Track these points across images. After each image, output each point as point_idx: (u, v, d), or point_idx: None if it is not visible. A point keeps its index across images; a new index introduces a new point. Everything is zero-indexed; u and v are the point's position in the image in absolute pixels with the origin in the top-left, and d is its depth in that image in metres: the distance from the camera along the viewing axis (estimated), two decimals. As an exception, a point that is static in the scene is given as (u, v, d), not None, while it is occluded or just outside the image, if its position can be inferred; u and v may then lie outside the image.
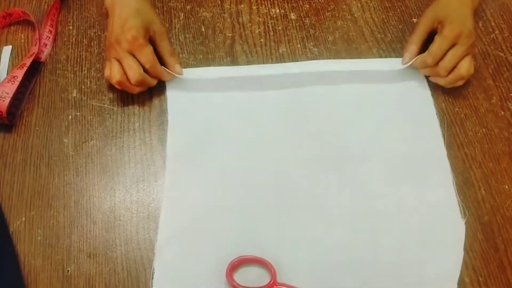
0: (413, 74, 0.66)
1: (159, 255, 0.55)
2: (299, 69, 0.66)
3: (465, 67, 0.61)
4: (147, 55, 0.61)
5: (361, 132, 0.62)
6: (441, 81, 0.63)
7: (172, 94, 0.65)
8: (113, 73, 0.61)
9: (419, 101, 0.64)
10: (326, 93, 0.65)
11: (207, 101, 0.65)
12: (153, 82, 0.64)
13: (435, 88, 0.65)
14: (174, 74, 0.64)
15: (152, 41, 0.63)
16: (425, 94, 0.65)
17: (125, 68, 0.61)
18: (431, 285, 0.53)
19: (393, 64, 0.66)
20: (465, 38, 0.60)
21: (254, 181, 0.59)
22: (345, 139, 0.62)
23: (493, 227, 0.56)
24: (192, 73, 0.66)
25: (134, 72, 0.60)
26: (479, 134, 0.62)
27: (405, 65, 0.64)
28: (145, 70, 0.62)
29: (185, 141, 0.62)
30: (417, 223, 0.56)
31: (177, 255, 0.55)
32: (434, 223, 0.56)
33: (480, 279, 0.53)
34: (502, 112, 0.63)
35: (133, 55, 0.61)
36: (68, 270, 0.55)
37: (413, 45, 0.64)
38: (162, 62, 0.64)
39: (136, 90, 0.63)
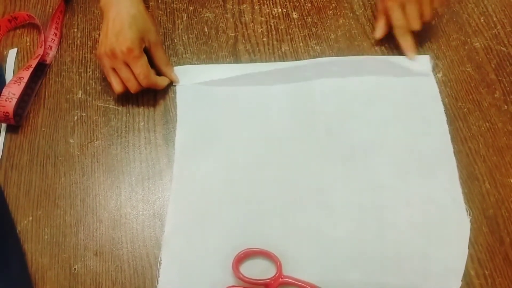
0: (420, 69, 0.66)
1: (166, 246, 0.56)
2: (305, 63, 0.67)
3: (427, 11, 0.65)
4: (141, 66, 0.62)
5: (369, 127, 0.62)
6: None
7: (181, 89, 0.66)
8: (116, 86, 0.63)
9: (427, 97, 0.64)
10: (334, 87, 0.65)
11: (215, 95, 0.66)
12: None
13: (438, 83, 0.65)
14: (168, 81, 0.66)
15: (147, 50, 0.64)
16: (433, 90, 0.64)
17: (124, 80, 0.62)
18: (436, 280, 0.53)
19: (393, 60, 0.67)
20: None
21: (261, 174, 0.60)
22: (353, 133, 0.62)
23: (498, 221, 0.56)
24: (199, 70, 0.67)
25: (133, 84, 0.62)
26: (483, 128, 0.62)
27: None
28: None
29: (193, 134, 0.63)
30: (423, 218, 0.56)
31: (184, 247, 0.56)
32: (440, 218, 0.56)
33: (486, 272, 0.53)
34: (505, 106, 0.63)
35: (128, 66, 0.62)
36: (75, 268, 0.55)
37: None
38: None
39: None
